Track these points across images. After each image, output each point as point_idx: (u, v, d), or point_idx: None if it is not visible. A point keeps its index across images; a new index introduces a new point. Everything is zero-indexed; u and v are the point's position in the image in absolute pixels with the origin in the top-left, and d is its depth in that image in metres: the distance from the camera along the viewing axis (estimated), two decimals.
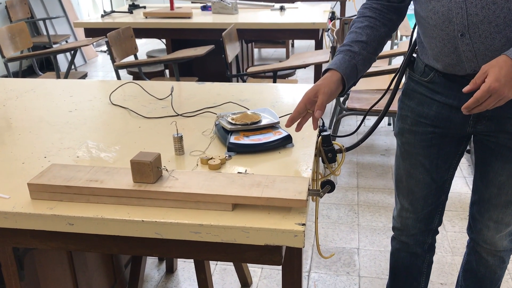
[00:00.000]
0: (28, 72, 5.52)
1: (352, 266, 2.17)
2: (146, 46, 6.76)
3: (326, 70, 1.22)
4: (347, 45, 1.25)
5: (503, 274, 1.47)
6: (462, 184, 2.87)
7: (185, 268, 2.18)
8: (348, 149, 1.34)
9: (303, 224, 0.92)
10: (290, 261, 1.40)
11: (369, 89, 3.19)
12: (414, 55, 1.34)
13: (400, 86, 1.40)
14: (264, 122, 1.29)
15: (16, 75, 5.04)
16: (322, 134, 1.26)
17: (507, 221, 1.31)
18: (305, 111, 1.19)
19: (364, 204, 2.69)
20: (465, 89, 1.04)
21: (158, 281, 2.10)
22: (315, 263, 2.20)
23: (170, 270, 2.15)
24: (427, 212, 1.41)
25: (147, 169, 0.98)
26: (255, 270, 2.15)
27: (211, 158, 1.15)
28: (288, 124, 1.20)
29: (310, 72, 5.21)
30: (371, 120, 3.78)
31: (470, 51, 1.11)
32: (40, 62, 5.76)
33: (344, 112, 2.93)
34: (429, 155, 1.32)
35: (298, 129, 1.22)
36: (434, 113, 1.27)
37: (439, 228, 2.43)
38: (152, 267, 2.19)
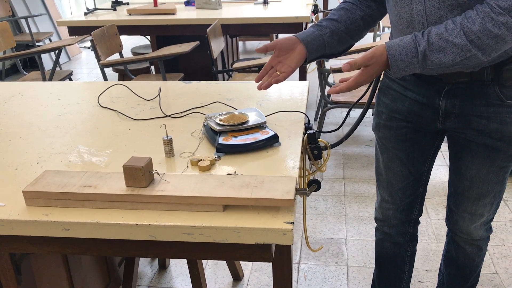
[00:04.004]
0: (12, 71, 5.47)
1: (340, 256, 2.23)
2: (129, 41, 6.73)
3: None
4: (317, 23, 1.33)
5: (482, 261, 1.53)
6: (445, 172, 2.95)
7: (178, 264, 2.22)
8: (333, 146, 1.38)
9: (291, 223, 0.96)
10: (280, 255, 1.45)
11: None
12: None
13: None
14: (252, 122, 1.33)
15: None
16: (308, 132, 1.30)
17: (480, 212, 1.37)
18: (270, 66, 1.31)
19: (350, 195, 2.75)
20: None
21: (151, 278, 2.13)
22: (305, 255, 2.25)
23: (163, 267, 2.19)
24: (407, 203, 1.47)
25: (139, 173, 1.01)
26: (246, 264, 2.20)
27: (201, 160, 1.19)
28: (256, 81, 1.33)
29: None
30: (356, 111, 3.84)
31: None
32: (24, 60, 5.71)
33: (329, 105, 2.98)
34: (405, 148, 1.38)
35: (260, 87, 1.32)
36: (406, 109, 1.33)
37: (424, 216, 2.50)
38: (145, 264, 2.23)
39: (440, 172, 2.95)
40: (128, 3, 4.36)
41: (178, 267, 2.20)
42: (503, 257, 2.18)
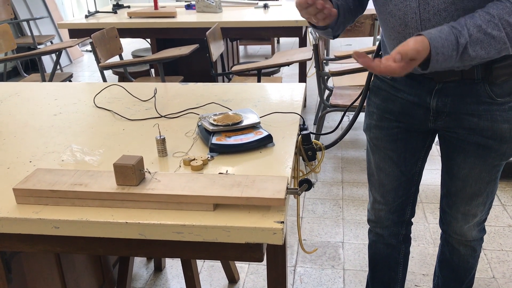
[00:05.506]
0: (13, 73, 5.49)
1: (337, 259, 2.22)
2: (131, 45, 6.75)
3: None
4: None
5: (476, 263, 1.52)
6: None
7: (173, 265, 2.21)
8: (327, 147, 1.38)
9: (282, 222, 0.95)
10: (274, 256, 1.44)
11: (352, 85, 3.24)
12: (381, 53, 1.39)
13: None
14: (246, 122, 1.33)
15: (0, 77, 5.01)
16: (302, 133, 1.30)
17: (473, 212, 1.37)
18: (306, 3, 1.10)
19: (348, 198, 2.74)
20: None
21: (146, 280, 2.13)
22: (301, 258, 2.24)
23: (159, 268, 2.18)
24: (399, 203, 1.46)
25: (129, 172, 1.01)
26: (242, 266, 2.19)
27: (194, 159, 1.19)
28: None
29: (295, 68, 5.25)
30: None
31: None
32: (25, 63, 5.72)
33: (328, 108, 2.98)
34: (396, 149, 1.38)
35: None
36: (398, 109, 1.32)
37: (421, 220, 2.49)
38: (140, 266, 2.22)
39: (438, 176, 2.94)
40: (129, 6, 4.37)
41: (174, 269, 2.19)
42: (501, 261, 2.17)
